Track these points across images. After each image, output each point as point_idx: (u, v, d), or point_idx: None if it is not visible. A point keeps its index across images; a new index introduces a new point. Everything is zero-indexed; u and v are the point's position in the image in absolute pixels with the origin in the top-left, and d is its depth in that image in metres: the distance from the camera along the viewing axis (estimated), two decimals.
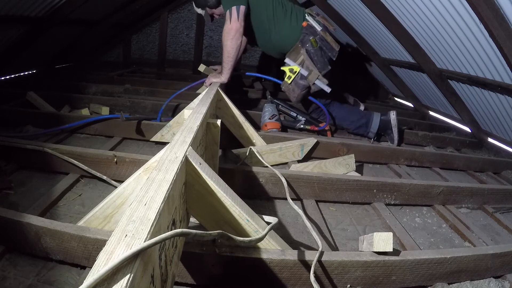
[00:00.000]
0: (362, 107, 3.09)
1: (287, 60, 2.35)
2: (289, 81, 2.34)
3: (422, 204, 1.71)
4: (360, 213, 1.59)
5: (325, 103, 2.52)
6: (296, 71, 2.31)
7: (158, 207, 0.59)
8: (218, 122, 1.35)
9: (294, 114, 2.56)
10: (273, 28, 2.37)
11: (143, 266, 0.49)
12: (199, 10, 2.52)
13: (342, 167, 1.87)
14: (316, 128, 2.46)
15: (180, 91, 2.51)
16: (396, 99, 4.19)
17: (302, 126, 2.51)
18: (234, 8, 2.16)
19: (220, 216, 0.90)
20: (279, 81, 2.49)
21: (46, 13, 2.63)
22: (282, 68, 2.36)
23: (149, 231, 0.52)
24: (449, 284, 1.13)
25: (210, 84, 2.31)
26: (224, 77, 2.30)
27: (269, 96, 2.60)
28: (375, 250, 1.01)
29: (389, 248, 0.99)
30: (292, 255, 0.97)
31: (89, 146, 1.86)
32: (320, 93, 2.41)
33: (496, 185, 2.12)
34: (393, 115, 2.50)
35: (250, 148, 1.78)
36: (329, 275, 1.00)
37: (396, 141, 2.49)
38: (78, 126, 2.02)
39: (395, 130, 2.48)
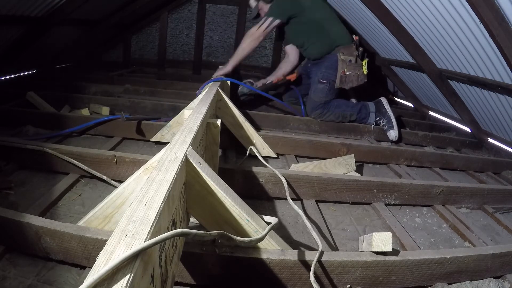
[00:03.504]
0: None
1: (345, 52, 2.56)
2: (366, 71, 2.59)
3: (422, 204, 1.71)
4: (360, 213, 1.59)
5: (330, 100, 2.62)
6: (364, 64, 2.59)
7: (158, 207, 0.59)
8: (218, 122, 1.35)
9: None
10: (332, 25, 2.61)
11: (143, 266, 0.49)
12: (253, 2, 2.73)
13: (342, 167, 1.87)
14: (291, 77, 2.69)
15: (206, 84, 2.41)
16: (396, 99, 4.19)
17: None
18: (270, 19, 2.42)
19: (220, 216, 0.90)
20: (278, 100, 2.78)
21: (46, 13, 2.63)
22: (362, 61, 2.59)
23: (149, 231, 0.53)
24: (449, 284, 1.13)
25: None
26: (228, 68, 2.58)
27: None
28: (374, 250, 1.01)
29: (388, 248, 0.99)
30: (292, 255, 0.97)
31: (89, 146, 1.86)
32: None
33: (496, 185, 2.12)
34: (381, 98, 2.71)
35: (250, 148, 1.78)
36: (329, 275, 1.00)
37: (394, 123, 2.56)
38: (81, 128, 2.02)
39: (388, 108, 2.62)
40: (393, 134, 2.56)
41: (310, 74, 2.76)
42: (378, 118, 2.66)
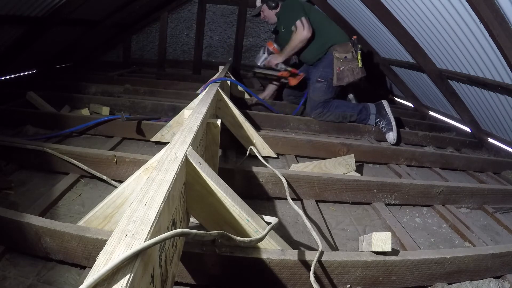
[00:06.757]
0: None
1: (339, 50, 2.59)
2: (360, 65, 2.58)
3: (422, 204, 1.71)
4: (360, 213, 1.59)
5: (329, 99, 2.62)
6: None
7: (158, 207, 0.59)
8: (218, 122, 1.35)
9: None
10: (325, 26, 2.69)
11: (143, 266, 0.49)
12: (258, 2, 2.94)
13: (342, 167, 1.87)
14: (296, 71, 2.76)
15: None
16: (396, 99, 4.19)
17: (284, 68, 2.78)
18: (304, 19, 2.55)
19: (220, 216, 0.90)
20: (256, 96, 2.85)
21: (46, 13, 2.63)
22: (359, 55, 2.60)
23: (149, 231, 0.52)
24: (449, 284, 1.13)
25: (275, 65, 2.77)
26: (282, 58, 2.76)
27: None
28: (374, 250, 1.01)
29: (388, 248, 0.99)
30: (292, 255, 0.97)
31: (89, 146, 1.86)
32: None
33: (496, 185, 2.12)
34: (383, 100, 2.72)
35: (250, 148, 1.78)
36: (329, 275, 1.00)
37: (394, 126, 2.56)
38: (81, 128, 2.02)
39: (388, 111, 2.62)
40: (391, 136, 2.55)
41: (310, 75, 2.78)
42: (378, 119, 2.66)
